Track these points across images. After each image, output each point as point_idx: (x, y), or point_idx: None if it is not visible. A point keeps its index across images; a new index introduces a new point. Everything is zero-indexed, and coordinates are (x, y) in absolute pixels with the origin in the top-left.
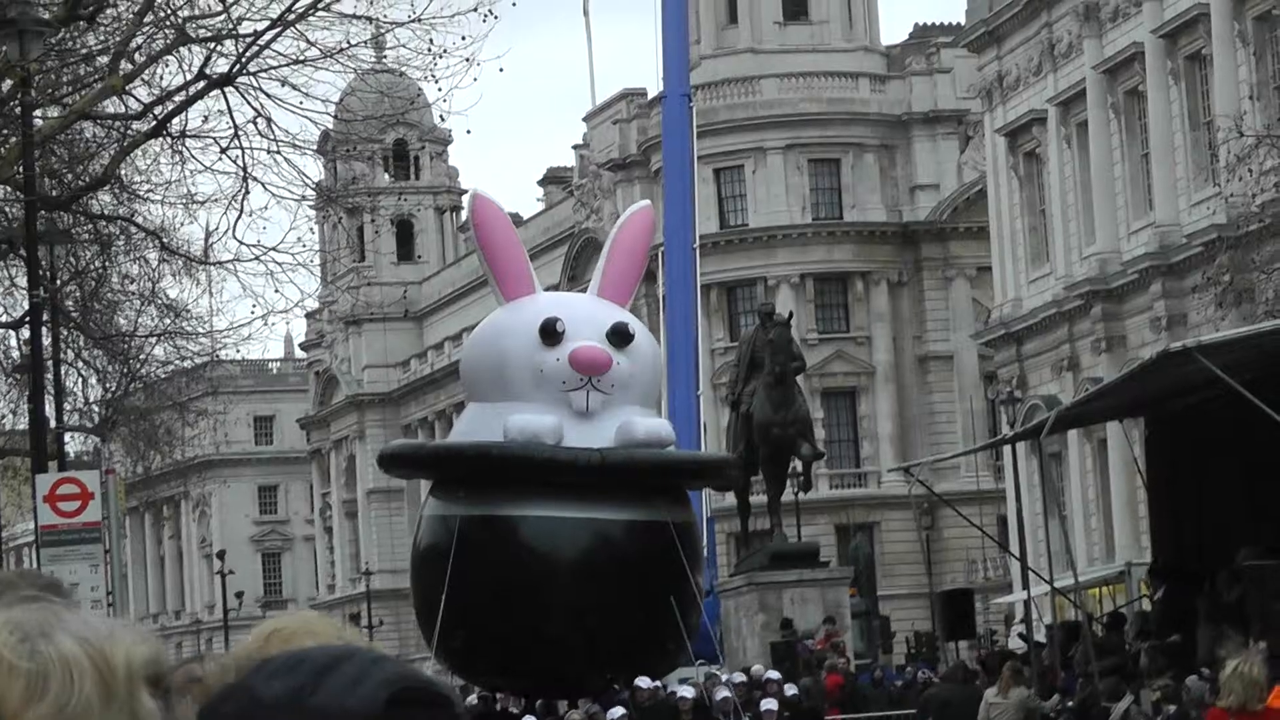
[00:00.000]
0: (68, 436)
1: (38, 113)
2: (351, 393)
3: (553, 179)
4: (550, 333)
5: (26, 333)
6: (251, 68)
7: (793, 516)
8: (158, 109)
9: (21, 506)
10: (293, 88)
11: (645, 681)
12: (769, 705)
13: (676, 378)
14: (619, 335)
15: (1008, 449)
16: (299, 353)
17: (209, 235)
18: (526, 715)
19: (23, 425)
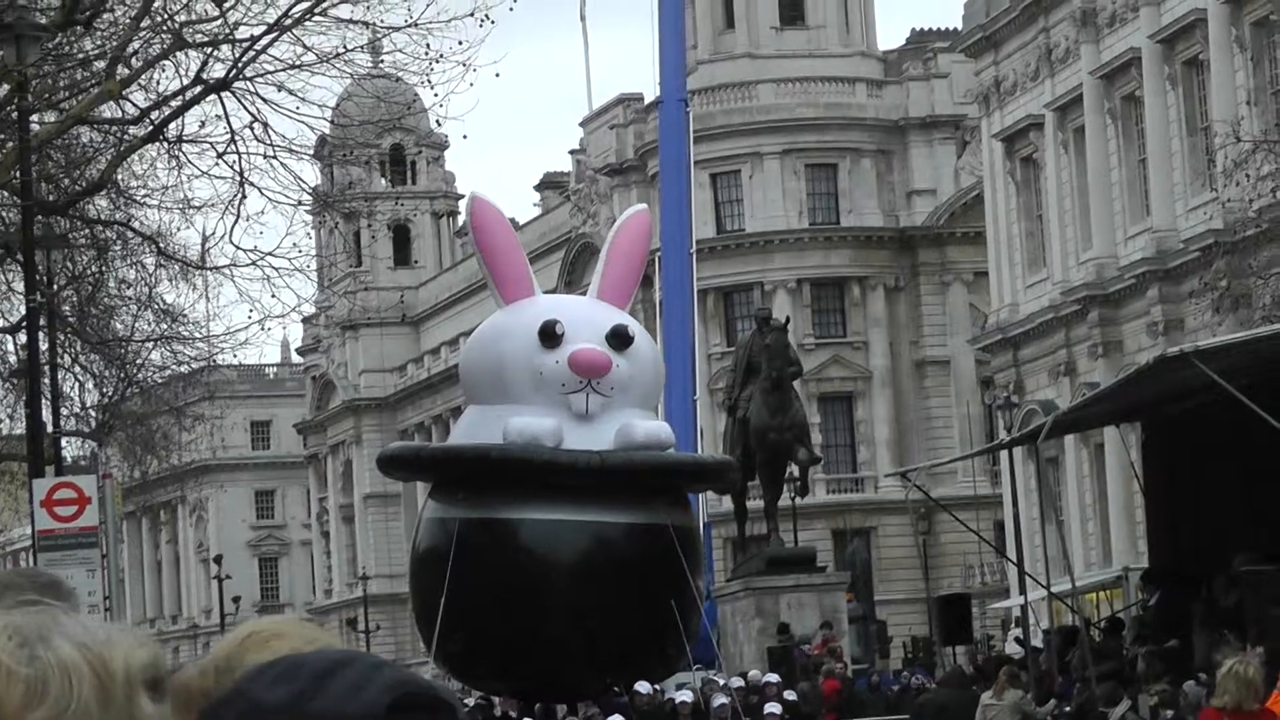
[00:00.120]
0: (65, 441)
1: (34, 117)
2: (348, 398)
3: (549, 184)
4: (549, 335)
5: (23, 337)
6: (248, 73)
7: (789, 521)
8: (154, 114)
9: (18, 511)
10: (289, 93)
11: (645, 686)
12: (772, 709)
13: (673, 383)
14: (618, 337)
15: (1005, 454)
16: (296, 358)
17: (206, 240)
18: (525, 719)
19: (19, 430)
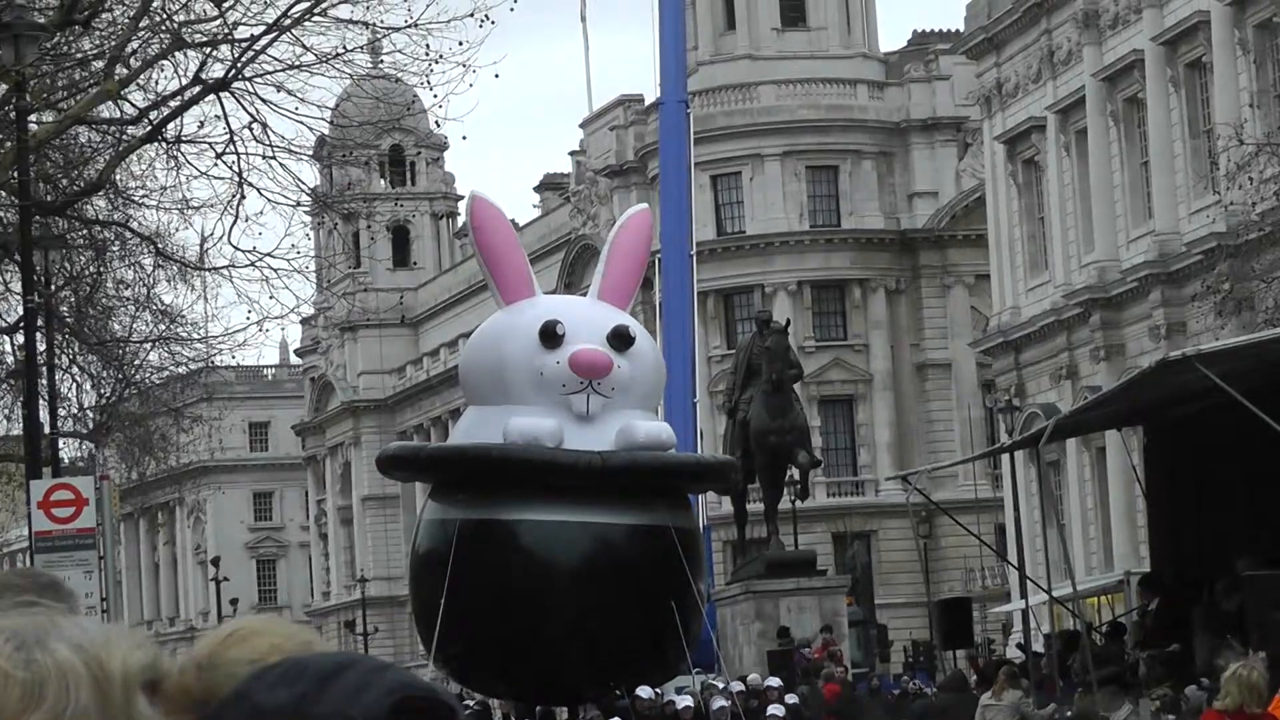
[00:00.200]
0: (62, 442)
1: (33, 117)
2: (347, 399)
3: (549, 185)
4: (550, 335)
5: (21, 338)
6: (247, 73)
7: (790, 525)
8: (153, 114)
9: (15, 512)
10: (288, 93)
11: (646, 691)
12: (775, 711)
13: (673, 385)
14: (620, 338)
15: (1006, 457)
16: (294, 359)
17: (204, 241)
18: None
19: (17, 431)
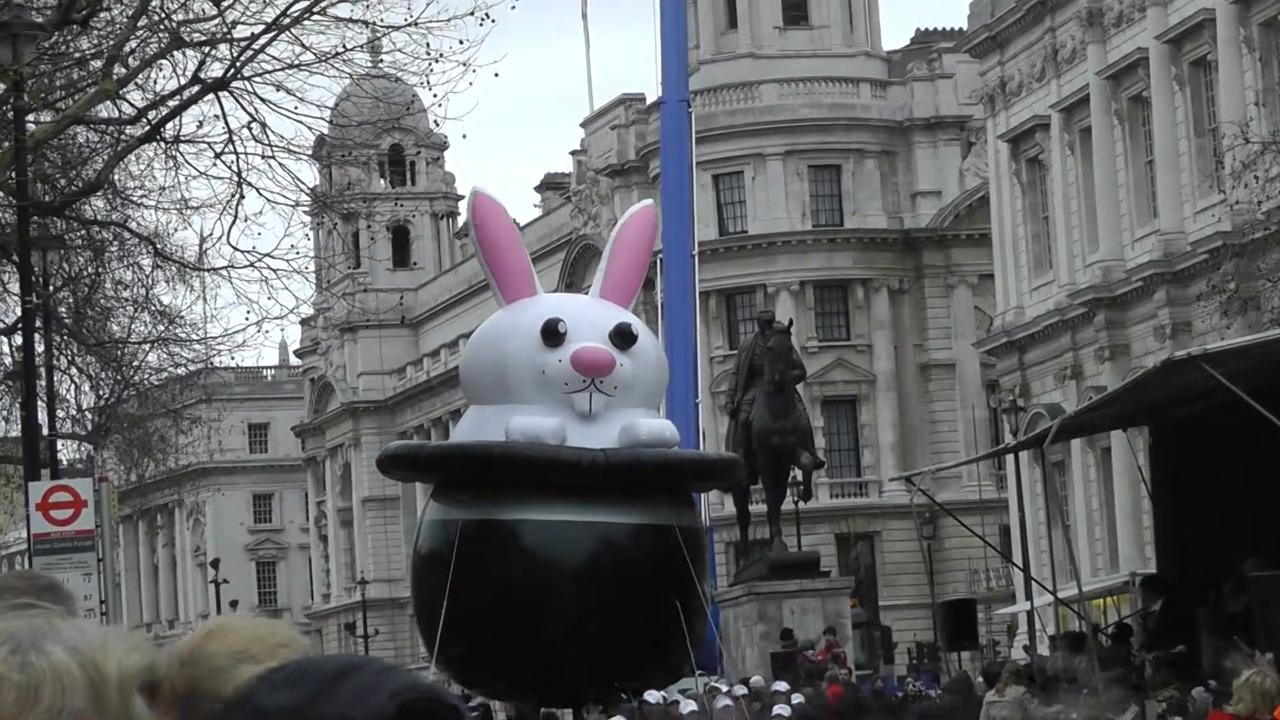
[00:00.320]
0: (60, 444)
1: (30, 117)
2: (347, 400)
3: (550, 185)
4: (552, 334)
5: (19, 339)
6: (246, 72)
7: (793, 526)
8: (151, 114)
9: (14, 514)
10: (288, 92)
11: (654, 695)
12: (780, 711)
13: (675, 386)
14: (622, 336)
15: (1010, 458)
16: (294, 360)
17: (203, 241)
18: None
19: (15, 432)
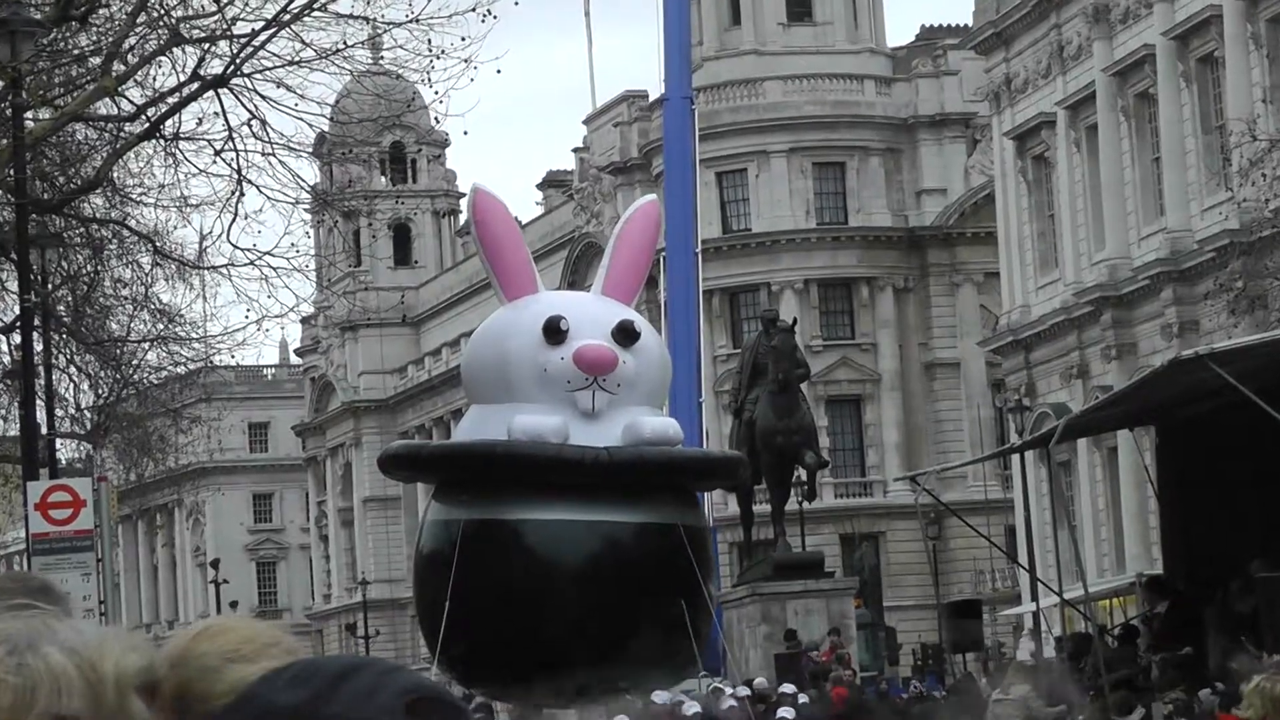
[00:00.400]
0: (59, 443)
1: (29, 115)
2: (347, 399)
3: (552, 182)
4: (554, 331)
5: (17, 338)
6: (246, 69)
7: (797, 526)
8: (151, 111)
9: (12, 514)
10: (288, 89)
11: (661, 696)
12: (785, 713)
13: (678, 385)
14: (625, 333)
15: (1016, 458)
16: (294, 359)
17: (203, 239)
18: None
19: (13, 432)
